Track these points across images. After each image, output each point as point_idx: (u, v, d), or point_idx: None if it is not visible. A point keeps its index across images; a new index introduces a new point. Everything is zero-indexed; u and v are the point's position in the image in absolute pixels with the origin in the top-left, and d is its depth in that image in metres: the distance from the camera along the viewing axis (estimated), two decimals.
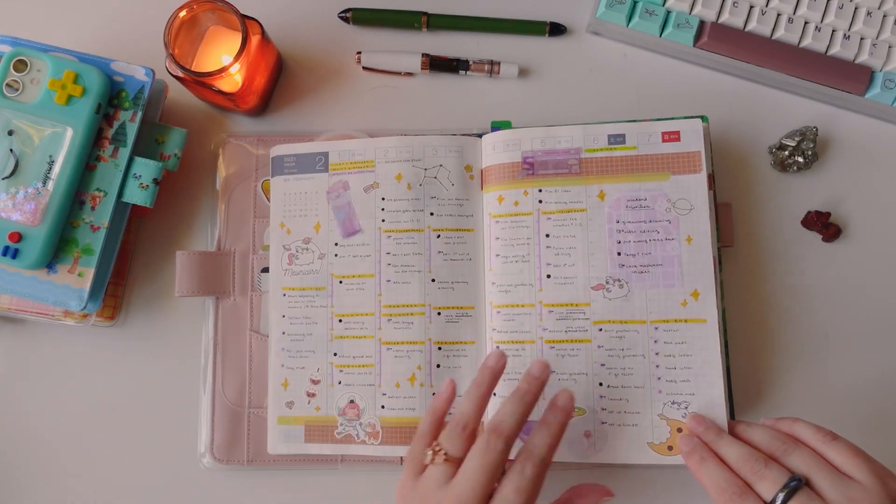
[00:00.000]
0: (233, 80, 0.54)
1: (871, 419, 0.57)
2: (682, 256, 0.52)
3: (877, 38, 0.58)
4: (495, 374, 0.47)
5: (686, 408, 0.51)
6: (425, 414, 0.47)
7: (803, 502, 0.41)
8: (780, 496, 0.42)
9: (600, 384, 0.52)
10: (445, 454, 0.44)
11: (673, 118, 0.55)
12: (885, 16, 0.58)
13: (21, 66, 0.52)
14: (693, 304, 0.51)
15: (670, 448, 0.51)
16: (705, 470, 0.46)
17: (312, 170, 0.56)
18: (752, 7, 0.58)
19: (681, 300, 0.51)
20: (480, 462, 0.43)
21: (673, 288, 0.52)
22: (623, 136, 0.54)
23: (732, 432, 0.48)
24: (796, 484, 0.42)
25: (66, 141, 0.52)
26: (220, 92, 0.54)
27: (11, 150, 0.51)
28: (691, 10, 0.58)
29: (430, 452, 0.44)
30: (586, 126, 0.55)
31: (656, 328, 0.51)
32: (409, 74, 0.60)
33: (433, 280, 0.54)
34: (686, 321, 0.51)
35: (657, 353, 0.51)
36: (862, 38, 0.58)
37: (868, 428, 0.57)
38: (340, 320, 0.55)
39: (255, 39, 0.54)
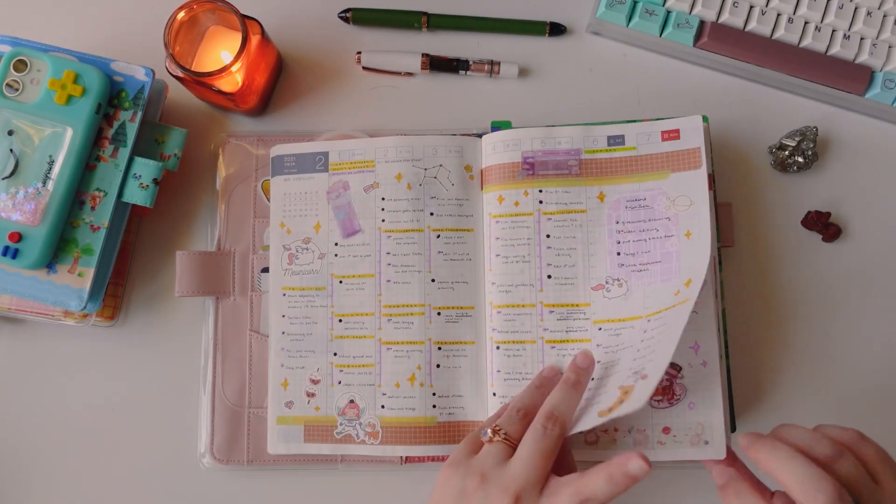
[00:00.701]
0: (233, 80, 0.54)
1: (871, 419, 0.57)
2: (681, 251, 0.52)
3: (877, 38, 0.58)
4: (552, 383, 0.49)
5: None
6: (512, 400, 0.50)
7: None
8: None
9: (593, 379, 0.52)
10: (505, 433, 0.46)
11: (673, 118, 0.55)
12: (885, 16, 0.58)
13: (21, 66, 0.52)
14: (683, 292, 0.51)
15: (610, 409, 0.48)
16: (780, 457, 0.40)
17: (312, 170, 0.56)
18: (752, 7, 0.58)
19: (674, 291, 0.51)
20: (536, 447, 0.44)
21: (669, 282, 0.52)
22: (622, 136, 0.54)
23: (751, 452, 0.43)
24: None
25: (66, 141, 0.52)
26: (220, 92, 0.54)
27: (11, 150, 0.51)
28: (691, 10, 0.58)
29: (489, 431, 0.46)
30: (586, 127, 0.55)
31: (649, 321, 0.51)
32: (409, 74, 0.60)
33: (433, 280, 0.54)
34: (672, 307, 0.50)
35: (642, 341, 0.51)
36: (862, 38, 0.58)
37: (868, 428, 0.57)
38: (340, 320, 0.55)
39: (255, 39, 0.54)
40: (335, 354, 0.55)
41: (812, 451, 0.41)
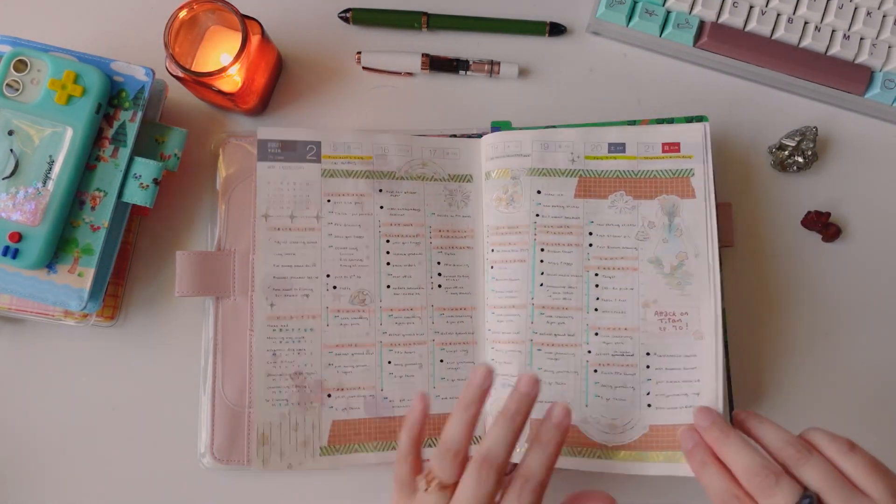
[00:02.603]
0: (233, 80, 0.54)
1: (871, 419, 0.57)
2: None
3: (877, 38, 0.58)
4: (483, 393, 0.45)
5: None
6: (402, 432, 0.46)
7: None
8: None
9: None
10: (439, 482, 0.43)
11: (673, 119, 0.56)
12: (885, 16, 0.58)
13: (21, 66, 0.52)
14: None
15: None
16: (707, 475, 0.43)
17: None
18: (752, 7, 0.58)
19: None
20: (473, 494, 0.41)
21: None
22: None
23: (742, 426, 0.46)
24: (808, 503, 0.39)
25: (66, 141, 0.52)
26: (220, 92, 0.53)
27: (11, 150, 0.51)
28: (691, 10, 0.58)
29: (423, 482, 0.43)
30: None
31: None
32: (409, 74, 0.60)
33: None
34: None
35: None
36: (862, 38, 0.58)
37: (868, 428, 0.57)
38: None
39: (255, 39, 0.54)
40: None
41: (776, 453, 0.42)
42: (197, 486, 0.56)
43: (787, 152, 0.58)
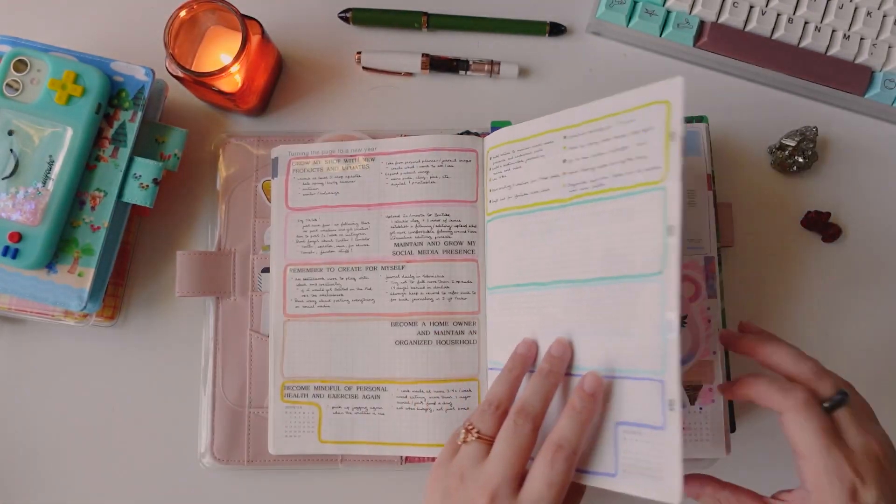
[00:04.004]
0: (233, 80, 0.54)
1: None
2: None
3: (877, 38, 0.58)
4: (526, 361, 0.48)
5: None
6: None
7: (851, 414, 0.42)
8: (835, 398, 0.43)
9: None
10: (478, 432, 0.45)
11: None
12: (885, 16, 0.58)
13: (21, 66, 0.52)
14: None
15: None
16: (772, 347, 0.46)
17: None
18: (752, 7, 0.58)
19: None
20: (509, 444, 0.43)
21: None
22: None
23: (753, 349, 0.47)
24: (842, 396, 0.43)
25: (66, 141, 0.52)
26: (220, 92, 0.54)
27: (11, 150, 0.51)
28: (691, 10, 0.58)
29: (462, 431, 0.45)
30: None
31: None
32: (409, 74, 0.60)
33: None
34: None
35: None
36: (862, 39, 0.58)
37: None
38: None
39: (255, 39, 0.54)
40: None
41: (790, 370, 0.45)
42: (197, 486, 0.56)
43: (787, 152, 0.58)
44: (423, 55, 0.59)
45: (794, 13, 0.58)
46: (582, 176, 0.47)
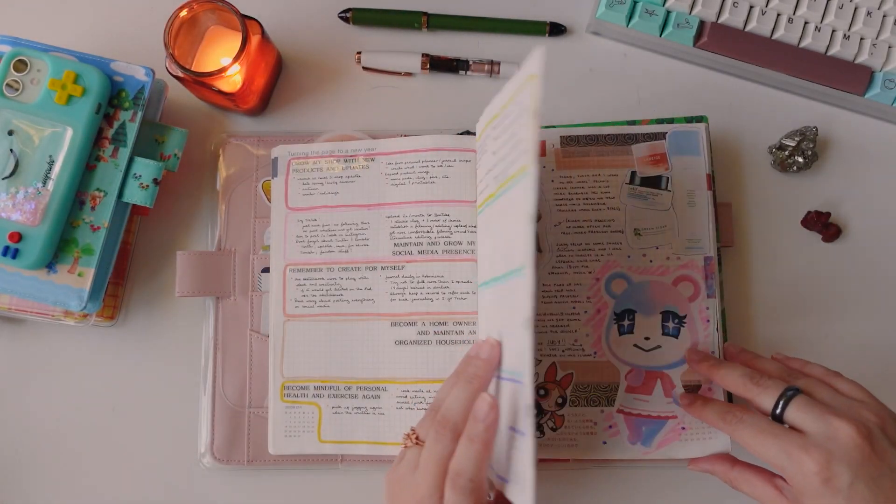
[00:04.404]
0: (233, 80, 0.54)
1: None
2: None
3: (877, 38, 0.58)
4: (489, 367, 0.45)
5: None
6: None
7: (801, 406, 0.42)
8: (781, 402, 0.43)
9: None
10: (416, 438, 0.44)
11: (673, 119, 0.56)
12: (885, 16, 0.58)
13: (21, 66, 0.52)
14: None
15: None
16: (723, 370, 0.47)
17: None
18: (752, 7, 0.58)
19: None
20: (431, 454, 0.42)
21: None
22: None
23: (736, 359, 0.49)
24: (793, 392, 0.43)
25: (66, 141, 0.52)
26: (220, 92, 0.54)
27: (11, 150, 0.51)
28: (691, 10, 0.58)
29: (404, 437, 0.45)
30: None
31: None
32: (409, 74, 0.60)
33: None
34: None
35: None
36: (862, 38, 0.58)
37: None
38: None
39: (255, 39, 0.54)
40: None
41: (772, 371, 0.46)
42: (197, 486, 0.56)
43: (787, 152, 0.58)
44: (423, 55, 0.59)
45: (794, 13, 0.58)
46: (500, 167, 0.45)
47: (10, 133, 0.51)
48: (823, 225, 0.58)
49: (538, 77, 0.38)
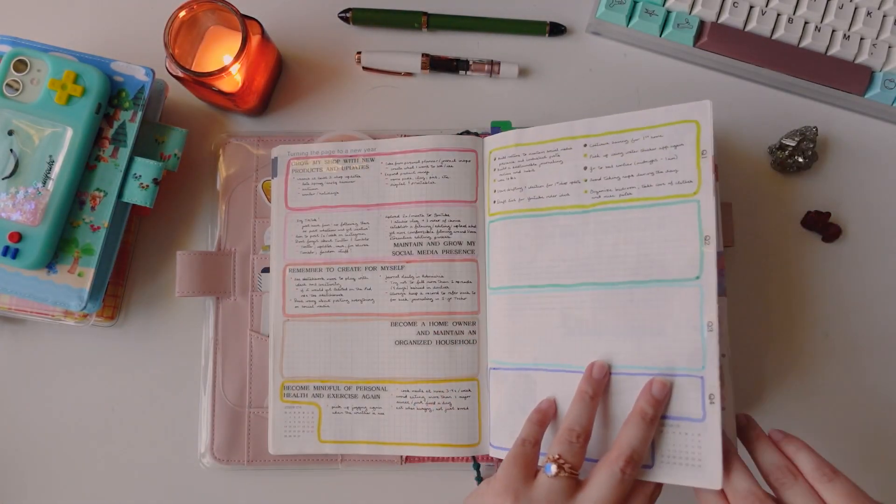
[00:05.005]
0: (233, 80, 0.54)
1: (869, 419, 0.57)
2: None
3: (877, 38, 0.58)
4: (600, 384, 0.47)
5: None
6: (528, 421, 0.48)
7: None
8: None
9: None
10: (570, 467, 0.43)
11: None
12: (885, 16, 0.58)
13: (21, 66, 0.52)
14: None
15: None
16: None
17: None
18: (752, 7, 0.58)
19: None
20: (614, 493, 0.43)
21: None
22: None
23: (741, 434, 0.48)
24: None
25: (66, 141, 0.52)
26: (220, 92, 0.54)
27: (11, 150, 0.51)
28: (691, 10, 0.58)
29: (553, 466, 0.43)
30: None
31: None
32: (409, 74, 0.60)
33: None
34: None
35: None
36: (862, 38, 0.58)
37: (867, 427, 0.57)
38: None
39: (255, 39, 0.54)
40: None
41: (768, 474, 0.45)
42: (197, 486, 0.56)
43: (787, 152, 0.58)
44: (423, 55, 0.59)
45: (794, 13, 0.58)
46: (606, 184, 0.50)
47: (10, 133, 0.51)
48: (823, 225, 0.58)
49: (700, 124, 0.48)
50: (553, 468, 0.43)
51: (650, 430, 0.45)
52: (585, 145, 0.51)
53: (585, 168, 0.51)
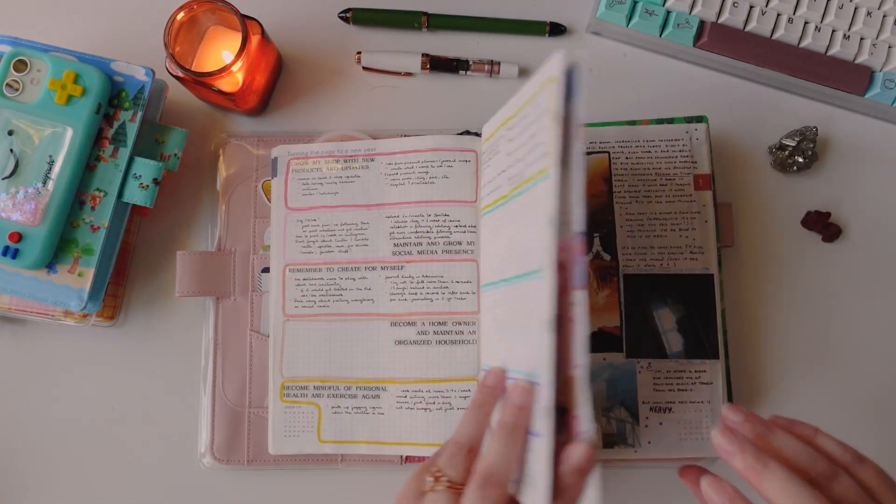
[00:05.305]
0: (233, 80, 0.54)
1: (870, 419, 0.57)
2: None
3: (877, 38, 0.58)
4: (496, 392, 0.44)
5: None
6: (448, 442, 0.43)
7: None
8: None
9: None
10: (448, 480, 0.40)
11: (673, 119, 0.56)
12: (885, 16, 0.58)
13: (21, 66, 0.52)
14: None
15: None
16: (771, 477, 0.38)
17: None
18: (752, 7, 0.58)
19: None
20: None
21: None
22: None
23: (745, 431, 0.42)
24: None
25: (66, 141, 0.52)
26: (220, 92, 0.54)
27: (11, 150, 0.51)
28: (691, 10, 0.58)
29: (430, 479, 0.40)
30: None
31: None
32: (409, 74, 0.60)
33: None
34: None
35: None
36: (862, 38, 0.58)
37: (867, 427, 0.57)
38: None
39: (255, 39, 0.54)
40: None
41: (808, 468, 0.39)
42: (197, 486, 0.56)
43: (787, 152, 0.58)
44: (423, 55, 0.59)
45: (794, 13, 0.58)
46: (516, 169, 0.44)
47: (10, 133, 0.51)
48: (823, 225, 0.58)
49: (557, 80, 0.38)
50: (429, 481, 0.40)
51: (513, 443, 0.39)
52: (508, 129, 0.46)
53: (508, 154, 0.46)
